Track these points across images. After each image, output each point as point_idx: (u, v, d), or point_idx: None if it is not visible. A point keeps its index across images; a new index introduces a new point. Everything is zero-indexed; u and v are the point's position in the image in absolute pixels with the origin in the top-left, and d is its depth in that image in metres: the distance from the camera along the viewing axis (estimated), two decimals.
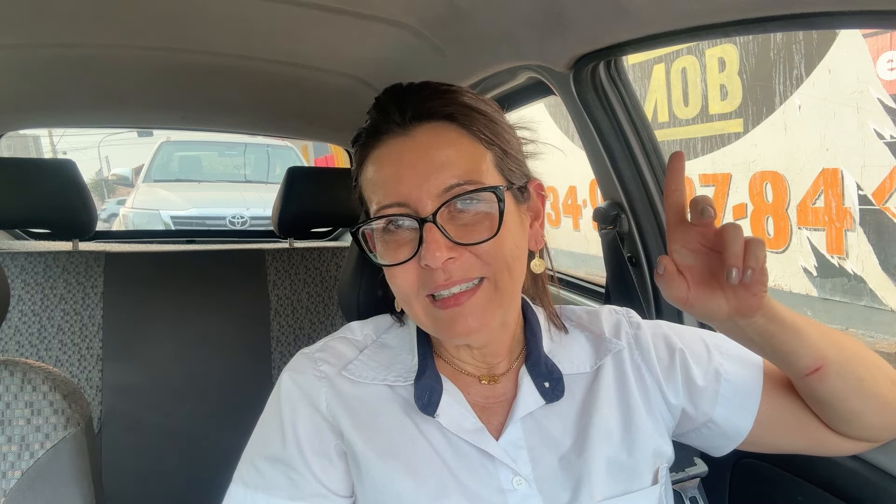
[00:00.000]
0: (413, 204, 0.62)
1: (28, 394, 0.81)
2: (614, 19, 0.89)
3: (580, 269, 5.81)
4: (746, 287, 0.57)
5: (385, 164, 0.65)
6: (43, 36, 1.21)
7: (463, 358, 0.72)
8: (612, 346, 0.74)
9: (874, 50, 4.20)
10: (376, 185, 0.65)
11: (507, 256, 0.64)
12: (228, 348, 1.69)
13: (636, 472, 0.68)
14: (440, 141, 0.64)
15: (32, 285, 1.59)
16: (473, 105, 0.67)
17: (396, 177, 0.64)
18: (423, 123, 0.65)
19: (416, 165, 0.63)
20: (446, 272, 0.62)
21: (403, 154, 0.64)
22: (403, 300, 0.67)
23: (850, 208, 4.48)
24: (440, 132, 0.65)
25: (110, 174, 11.53)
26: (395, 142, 0.65)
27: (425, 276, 0.63)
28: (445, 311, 0.63)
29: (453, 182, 0.62)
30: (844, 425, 0.71)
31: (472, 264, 0.63)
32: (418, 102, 0.65)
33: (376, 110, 0.68)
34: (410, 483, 0.64)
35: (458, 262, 0.62)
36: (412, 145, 0.64)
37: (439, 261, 0.61)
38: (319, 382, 0.69)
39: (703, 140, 5.68)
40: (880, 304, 4.41)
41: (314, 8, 1.07)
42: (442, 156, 0.63)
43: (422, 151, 0.64)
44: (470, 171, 0.63)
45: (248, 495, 0.66)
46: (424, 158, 0.63)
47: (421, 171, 0.63)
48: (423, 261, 0.61)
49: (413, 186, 0.62)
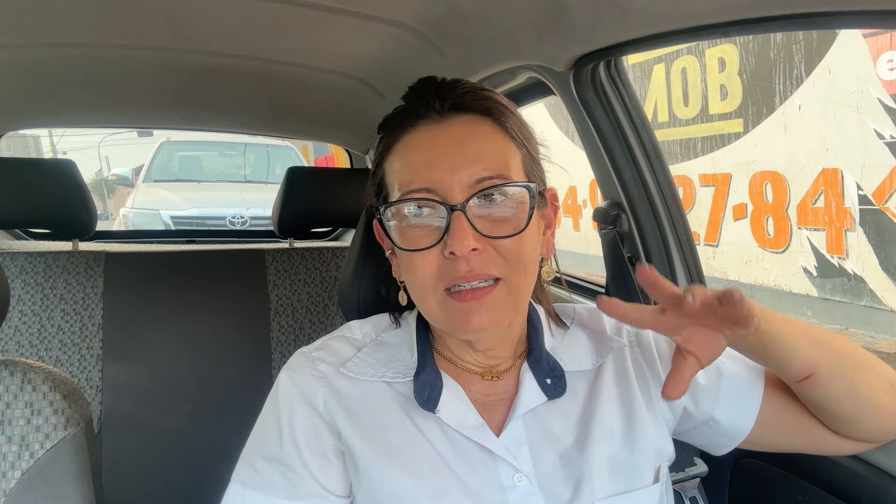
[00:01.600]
0: (442, 192, 0.62)
1: (28, 394, 0.81)
2: (614, 19, 0.89)
3: (580, 269, 5.81)
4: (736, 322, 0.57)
5: (417, 150, 0.65)
6: (43, 36, 1.21)
7: (465, 358, 0.72)
8: (614, 344, 0.75)
9: (874, 50, 4.20)
10: (405, 169, 0.65)
11: (526, 258, 0.64)
12: (228, 348, 1.69)
13: (637, 470, 0.68)
14: (476, 133, 0.65)
15: (32, 285, 1.59)
16: (507, 105, 0.69)
17: (428, 163, 0.64)
18: (461, 115, 0.66)
19: (451, 154, 0.63)
20: (468, 263, 0.61)
21: (438, 141, 0.65)
22: (419, 292, 0.66)
23: (850, 208, 4.49)
24: (476, 124, 0.66)
25: (110, 174, 11.52)
26: (431, 129, 0.66)
27: (447, 267, 0.62)
28: (463, 304, 0.63)
29: (485, 175, 0.63)
30: (843, 427, 0.71)
31: (493, 260, 0.63)
32: (457, 94, 0.66)
33: (412, 96, 0.68)
34: (409, 481, 0.64)
35: (481, 255, 0.62)
36: (448, 133, 0.65)
37: (466, 248, 0.60)
38: (317, 382, 0.68)
39: (703, 140, 5.68)
40: (880, 304, 4.41)
41: (314, 8, 1.07)
42: (476, 147, 0.64)
43: (457, 140, 0.64)
44: (501, 167, 0.64)
45: (246, 495, 0.66)
46: (459, 148, 0.64)
47: (454, 160, 0.63)
48: (448, 248, 0.61)
49: (444, 174, 0.62)
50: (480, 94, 0.67)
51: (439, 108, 0.66)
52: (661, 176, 1.14)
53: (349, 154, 2.53)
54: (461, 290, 0.63)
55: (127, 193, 7.55)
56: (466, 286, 0.62)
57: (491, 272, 0.63)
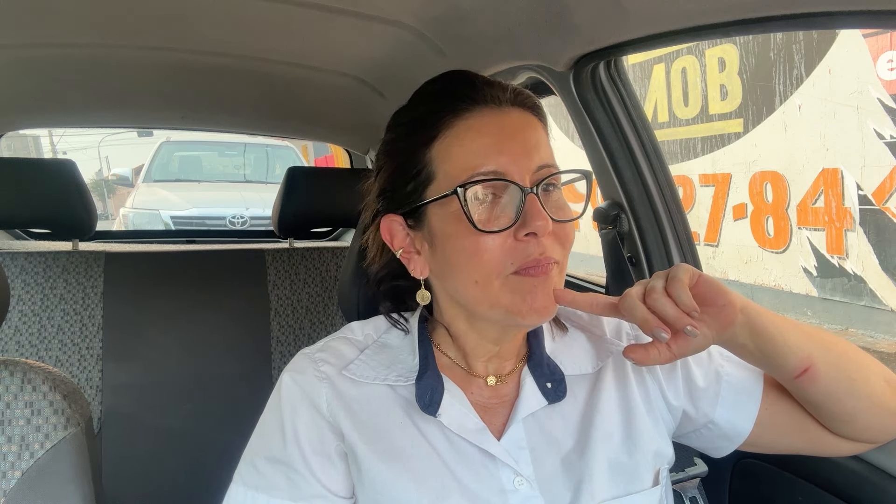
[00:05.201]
0: (511, 175, 0.63)
1: (28, 394, 0.81)
2: (614, 19, 0.89)
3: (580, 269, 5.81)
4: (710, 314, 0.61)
5: (482, 135, 0.65)
6: (43, 36, 1.21)
7: (477, 356, 0.71)
8: (614, 348, 0.75)
9: (874, 50, 4.21)
10: (470, 153, 0.64)
11: (572, 243, 0.68)
12: (228, 348, 1.69)
13: (637, 473, 0.68)
14: (531, 124, 0.68)
15: (32, 285, 1.59)
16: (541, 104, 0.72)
17: (497, 147, 0.64)
18: (516, 107, 0.68)
19: (518, 140, 0.65)
20: (541, 246, 0.63)
21: (504, 127, 0.65)
22: (482, 278, 0.64)
23: (850, 208, 4.49)
24: (529, 118, 0.68)
25: (110, 174, 11.52)
26: (493, 115, 0.66)
27: (517, 249, 0.62)
28: (533, 280, 0.63)
29: (544, 163, 0.65)
30: (842, 426, 0.71)
31: (555, 246, 0.65)
32: (513, 88, 0.69)
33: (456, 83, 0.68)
34: (411, 484, 0.64)
35: (549, 238, 0.64)
36: (510, 121, 0.66)
37: (547, 228, 0.62)
38: (320, 383, 0.68)
39: (703, 140, 5.69)
40: (880, 304, 4.41)
41: (314, 8, 1.07)
42: (535, 137, 0.66)
43: (520, 128, 0.66)
44: (551, 157, 0.67)
45: (248, 495, 0.66)
46: (523, 135, 0.66)
47: (521, 147, 0.65)
48: (528, 228, 0.61)
49: (514, 158, 0.64)
50: (527, 92, 0.70)
51: (500, 96, 0.67)
52: (661, 176, 1.14)
53: (349, 154, 2.53)
54: (531, 266, 0.63)
55: (127, 193, 7.55)
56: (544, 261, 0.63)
57: (556, 257, 0.64)
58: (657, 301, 0.59)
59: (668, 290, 0.60)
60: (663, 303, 0.59)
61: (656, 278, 0.62)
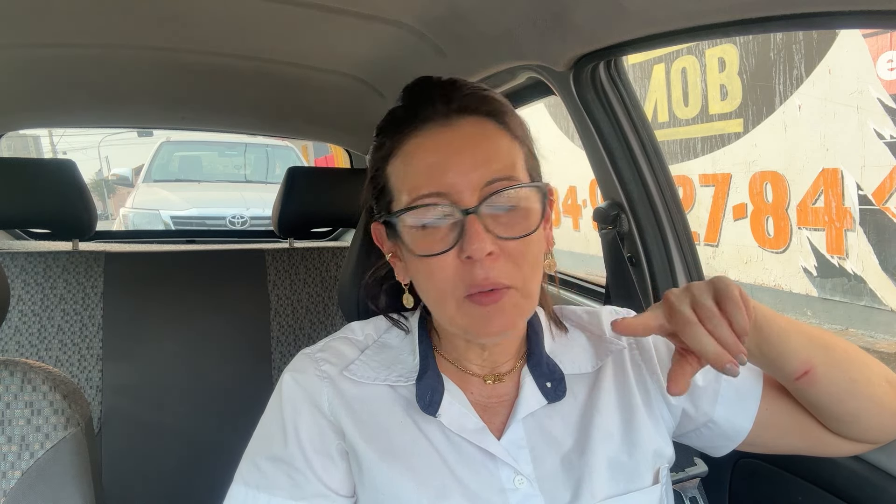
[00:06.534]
0: (455, 195, 0.61)
1: (28, 394, 0.81)
2: (614, 19, 0.89)
3: (580, 269, 5.81)
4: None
5: (428, 153, 0.64)
6: (43, 36, 1.21)
7: (470, 358, 0.72)
8: (613, 347, 0.75)
9: (874, 50, 4.21)
10: (415, 173, 0.64)
11: (535, 258, 0.64)
12: (228, 348, 1.69)
13: (637, 472, 0.68)
14: (484, 134, 0.64)
15: (32, 285, 1.59)
16: (508, 105, 0.68)
17: (441, 166, 0.62)
18: (466, 116, 0.65)
19: (461, 156, 0.62)
20: (484, 269, 0.61)
21: (447, 144, 0.63)
22: (437, 298, 0.65)
23: (850, 208, 4.49)
24: (482, 126, 0.65)
25: (110, 174, 11.52)
26: (438, 131, 0.64)
27: (464, 272, 0.62)
28: (484, 308, 0.62)
29: (495, 176, 0.62)
30: (842, 427, 0.71)
31: (507, 267, 0.62)
32: (462, 95, 0.65)
33: (411, 97, 0.67)
34: (412, 483, 0.64)
35: (497, 260, 0.61)
36: (457, 136, 0.64)
37: (483, 252, 0.60)
38: (321, 382, 0.69)
39: (703, 140, 5.69)
40: (880, 304, 4.41)
41: (314, 8, 1.07)
42: (485, 149, 0.63)
43: (466, 142, 0.63)
44: (509, 167, 0.63)
45: (249, 495, 0.66)
46: (469, 150, 0.63)
47: (467, 162, 0.62)
48: (464, 252, 0.60)
49: (456, 177, 0.61)
50: (483, 94, 0.67)
51: (445, 109, 0.65)
52: (661, 176, 1.14)
53: (349, 154, 2.53)
54: (484, 293, 0.62)
55: (127, 193, 7.55)
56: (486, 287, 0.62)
57: (504, 281, 0.62)
58: (717, 328, 0.56)
59: (723, 309, 0.57)
60: (723, 330, 0.56)
61: (703, 294, 0.59)
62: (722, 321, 0.57)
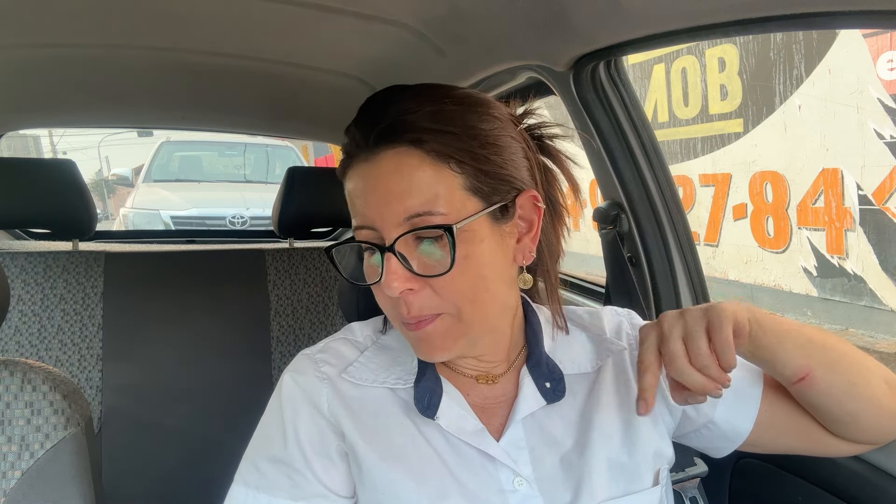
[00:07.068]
0: (378, 229, 0.62)
1: (28, 394, 0.81)
2: (614, 19, 0.89)
3: (580, 270, 5.81)
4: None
5: (355, 185, 0.64)
6: (43, 36, 1.21)
7: (460, 362, 0.72)
8: (613, 347, 0.74)
9: (874, 50, 4.21)
10: (351, 203, 0.65)
11: (468, 290, 0.61)
12: (228, 348, 1.69)
13: (637, 473, 0.68)
14: (402, 167, 0.60)
15: (32, 285, 1.59)
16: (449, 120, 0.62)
17: (363, 200, 0.63)
18: (387, 148, 0.61)
19: (378, 191, 0.61)
20: (406, 304, 0.61)
21: (367, 179, 0.62)
22: (389, 317, 0.68)
23: (850, 208, 4.49)
24: (403, 158, 0.60)
25: (110, 174, 11.52)
26: (361, 166, 0.63)
27: (395, 302, 0.63)
28: (415, 334, 0.64)
29: (414, 212, 0.59)
30: (841, 428, 0.71)
31: (430, 300, 0.61)
32: (384, 124, 0.62)
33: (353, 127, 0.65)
34: (411, 485, 0.64)
35: (418, 294, 0.61)
36: (374, 171, 0.62)
37: (395, 291, 0.60)
38: (321, 383, 0.69)
39: (703, 140, 5.69)
40: (880, 304, 4.41)
41: (314, 8, 1.07)
42: (403, 184, 0.60)
43: (383, 178, 0.61)
44: (430, 201, 0.59)
45: (249, 495, 0.66)
46: (385, 186, 0.60)
47: (381, 199, 0.61)
48: (382, 288, 0.61)
49: (376, 213, 0.61)
50: (406, 120, 0.60)
51: (363, 144, 0.62)
52: (661, 176, 1.14)
53: None
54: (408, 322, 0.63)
55: (127, 193, 7.55)
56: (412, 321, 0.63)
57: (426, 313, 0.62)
58: (705, 367, 0.59)
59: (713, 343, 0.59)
60: (709, 364, 0.58)
61: (696, 326, 0.60)
62: (710, 359, 0.59)
